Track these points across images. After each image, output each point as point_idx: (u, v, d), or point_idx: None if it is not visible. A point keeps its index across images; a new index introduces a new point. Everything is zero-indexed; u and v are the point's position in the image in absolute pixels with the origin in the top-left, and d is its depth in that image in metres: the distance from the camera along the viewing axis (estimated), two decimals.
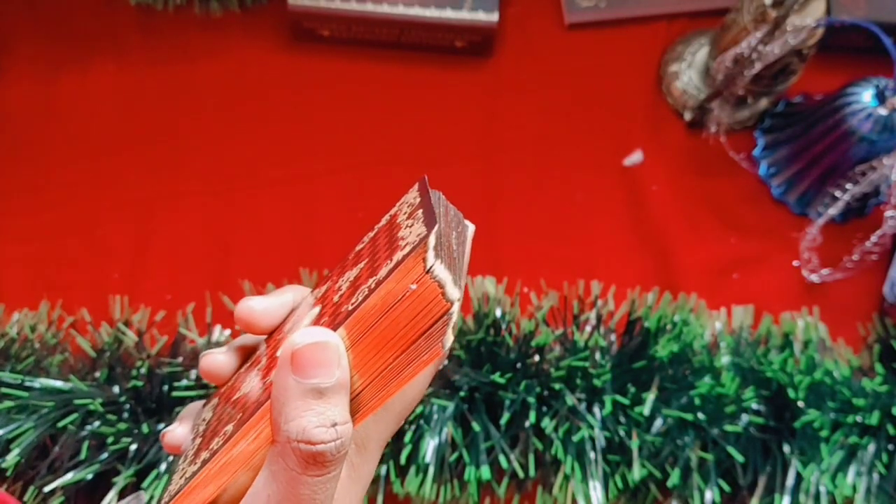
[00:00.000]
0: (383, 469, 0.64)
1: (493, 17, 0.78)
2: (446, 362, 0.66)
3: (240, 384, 0.36)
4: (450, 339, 0.31)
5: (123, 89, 0.82)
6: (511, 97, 0.82)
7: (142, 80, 0.82)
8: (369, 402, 0.32)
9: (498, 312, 0.69)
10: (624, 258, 0.77)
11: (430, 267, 0.30)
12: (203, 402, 0.40)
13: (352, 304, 0.32)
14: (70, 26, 0.84)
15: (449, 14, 0.77)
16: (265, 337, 0.38)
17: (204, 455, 0.33)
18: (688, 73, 0.80)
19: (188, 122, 0.81)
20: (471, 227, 0.38)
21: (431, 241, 0.31)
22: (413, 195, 0.37)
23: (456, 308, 0.31)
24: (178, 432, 0.37)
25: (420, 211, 0.34)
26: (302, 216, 0.78)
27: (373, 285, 0.31)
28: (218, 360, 0.37)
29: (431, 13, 0.77)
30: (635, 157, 0.79)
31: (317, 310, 0.35)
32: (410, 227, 0.33)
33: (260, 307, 0.36)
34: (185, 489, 0.33)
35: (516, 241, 0.77)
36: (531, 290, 0.74)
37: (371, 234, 0.38)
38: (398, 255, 0.32)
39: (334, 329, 0.32)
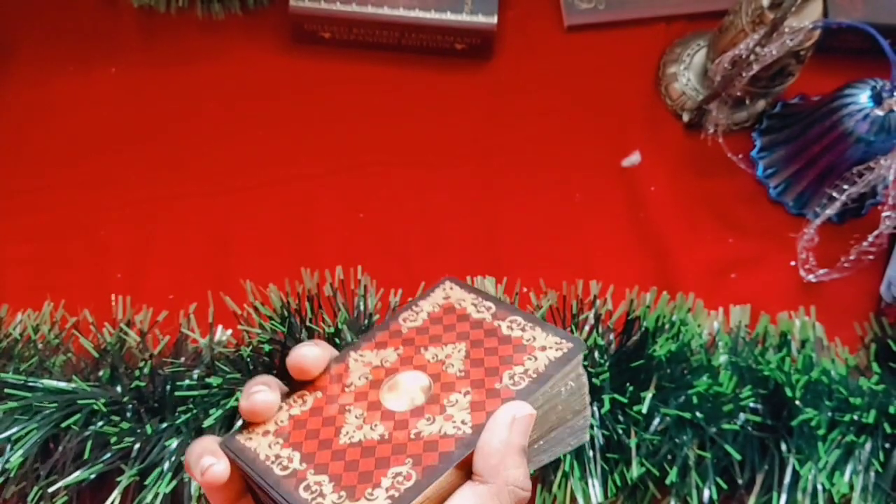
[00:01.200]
0: None
1: (493, 19, 0.78)
2: None
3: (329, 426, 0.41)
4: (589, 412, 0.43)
5: (125, 91, 0.83)
6: (511, 99, 0.82)
7: (143, 81, 0.83)
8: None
9: None
10: (622, 258, 0.77)
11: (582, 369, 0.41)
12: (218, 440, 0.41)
13: (511, 386, 0.40)
14: (72, 28, 0.84)
15: (449, 17, 0.78)
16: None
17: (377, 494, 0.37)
18: (686, 75, 0.81)
19: (190, 123, 0.81)
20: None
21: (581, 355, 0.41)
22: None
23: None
24: (224, 468, 0.39)
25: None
26: (303, 217, 0.78)
27: (533, 374, 0.40)
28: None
29: (432, 16, 0.78)
30: (634, 158, 0.80)
31: (424, 379, 0.42)
32: (530, 331, 0.43)
33: (313, 355, 0.42)
34: None
35: (516, 241, 0.77)
36: (531, 290, 0.74)
37: (418, 321, 0.45)
38: (544, 355, 0.41)
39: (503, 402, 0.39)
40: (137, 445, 0.64)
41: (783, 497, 0.64)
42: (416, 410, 0.40)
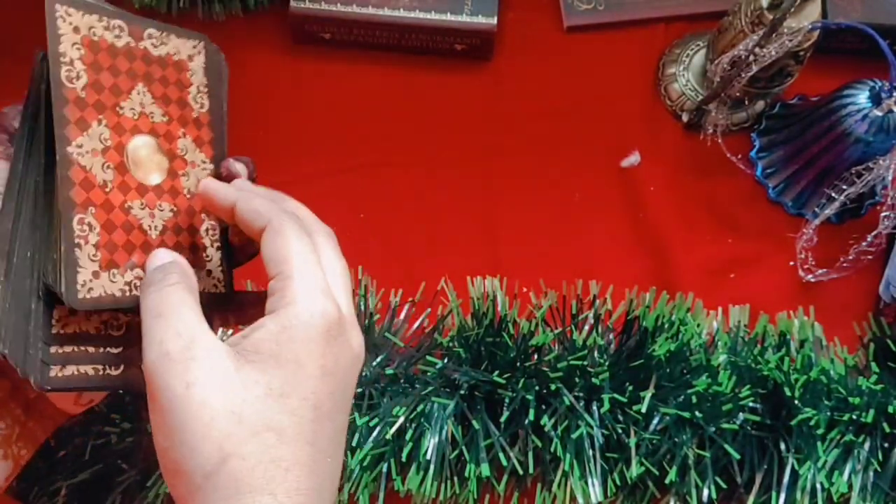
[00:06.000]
0: (384, 466, 0.65)
1: (493, 20, 0.78)
2: (446, 361, 0.67)
3: None
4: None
5: None
6: (510, 99, 0.83)
7: None
8: None
9: (498, 312, 0.69)
10: (622, 258, 0.77)
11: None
12: None
13: (200, 109, 0.51)
14: None
15: (449, 18, 0.78)
16: None
17: None
18: (685, 76, 0.81)
19: None
20: None
21: None
22: None
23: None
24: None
25: None
26: None
27: (203, 89, 0.51)
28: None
29: (432, 17, 0.78)
30: (633, 159, 0.80)
31: (149, 140, 0.47)
32: None
33: None
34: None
35: (515, 241, 0.78)
36: (530, 290, 0.74)
37: (81, 77, 0.48)
38: (194, 64, 0.50)
39: None
40: (139, 445, 0.64)
41: (782, 496, 0.64)
42: (171, 172, 0.46)
